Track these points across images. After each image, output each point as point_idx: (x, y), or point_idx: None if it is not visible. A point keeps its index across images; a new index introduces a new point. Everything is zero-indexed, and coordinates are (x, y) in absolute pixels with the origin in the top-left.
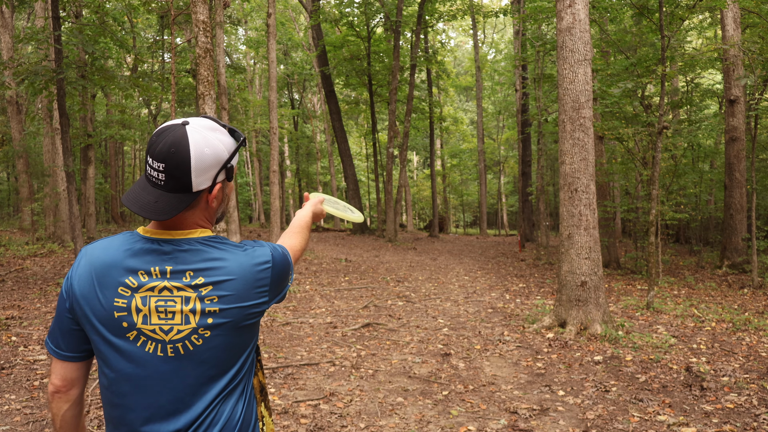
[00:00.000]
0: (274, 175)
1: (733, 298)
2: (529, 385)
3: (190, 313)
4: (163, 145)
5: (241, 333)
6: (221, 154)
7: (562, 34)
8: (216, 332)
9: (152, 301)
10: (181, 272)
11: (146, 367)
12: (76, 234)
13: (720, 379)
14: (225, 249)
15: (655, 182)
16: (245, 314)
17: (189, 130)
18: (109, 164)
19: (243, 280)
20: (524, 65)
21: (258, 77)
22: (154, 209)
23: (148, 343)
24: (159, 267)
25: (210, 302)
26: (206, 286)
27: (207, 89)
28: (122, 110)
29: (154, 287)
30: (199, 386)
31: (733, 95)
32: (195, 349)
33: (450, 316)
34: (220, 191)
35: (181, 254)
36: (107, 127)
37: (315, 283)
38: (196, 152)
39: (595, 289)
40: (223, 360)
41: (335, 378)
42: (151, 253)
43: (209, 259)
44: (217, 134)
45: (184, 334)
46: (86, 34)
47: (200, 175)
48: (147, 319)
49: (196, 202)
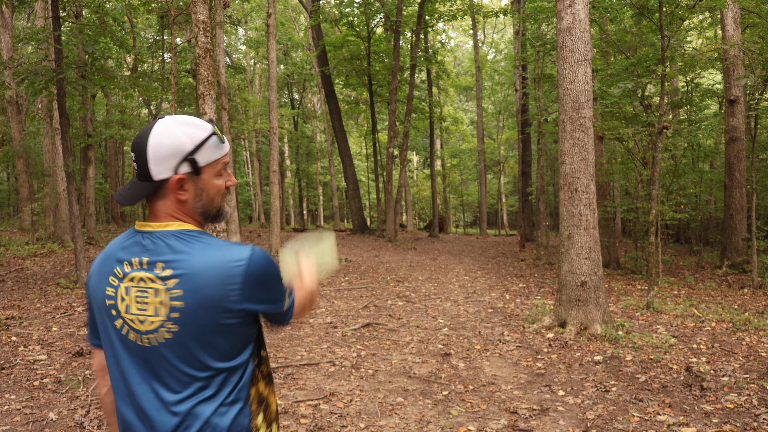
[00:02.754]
0: (274, 175)
1: (733, 298)
2: (529, 385)
3: (159, 305)
4: (136, 137)
5: (215, 333)
6: (183, 146)
7: (562, 34)
8: (183, 328)
9: (133, 291)
10: (154, 263)
11: (128, 356)
12: (76, 234)
13: (720, 379)
14: (195, 243)
15: (655, 182)
16: (213, 312)
17: (158, 122)
18: (109, 164)
19: (208, 275)
20: (524, 65)
21: (258, 77)
22: (123, 194)
23: (131, 332)
24: (139, 258)
25: (175, 296)
26: (172, 279)
27: (207, 89)
28: (122, 110)
29: (134, 277)
30: (174, 382)
31: (733, 95)
32: (167, 343)
33: (450, 316)
34: (189, 184)
35: (156, 246)
36: (107, 127)
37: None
38: (154, 141)
39: (595, 289)
40: (195, 359)
41: (335, 378)
42: (136, 245)
43: (177, 251)
44: (187, 128)
45: (155, 326)
46: (86, 34)
47: (158, 164)
48: (129, 308)
49: (161, 192)
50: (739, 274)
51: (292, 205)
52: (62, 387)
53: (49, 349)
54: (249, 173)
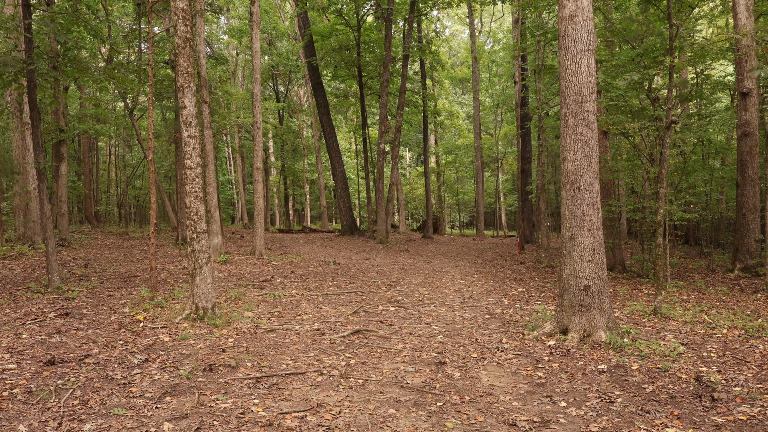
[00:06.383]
0: (258, 172)
1: (745, 303)
2: (528, 396)
3: None
4: None
5: None
6: None
7: (564, 23)
8: None
9: None
10: None
11: None
12: (47, 235)
13: (732, 389)
14: None
15: (662, 180)
16: None
17: None
18: (82, 161)
19: None
20: (524, 56)
21: (241, 69)
22: None
23: None
24: None
25: None
26: None
27: (186, 81)
28: (96, 104)
29: None
30: None
31: (745, 88)
32: None
33: (445, 323)
34: None
35: None
36: (81, 121)
37: (301, 287)
38: None
39: (599, 294)
40: None
41: (323, 388)
42: None
43: None
44: None
45: None
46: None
47: None
48: None
49: None
50: (752, 277)
51: (278, 204)
52: (33, 398)
53: (19, 358)
54: (231, 171)
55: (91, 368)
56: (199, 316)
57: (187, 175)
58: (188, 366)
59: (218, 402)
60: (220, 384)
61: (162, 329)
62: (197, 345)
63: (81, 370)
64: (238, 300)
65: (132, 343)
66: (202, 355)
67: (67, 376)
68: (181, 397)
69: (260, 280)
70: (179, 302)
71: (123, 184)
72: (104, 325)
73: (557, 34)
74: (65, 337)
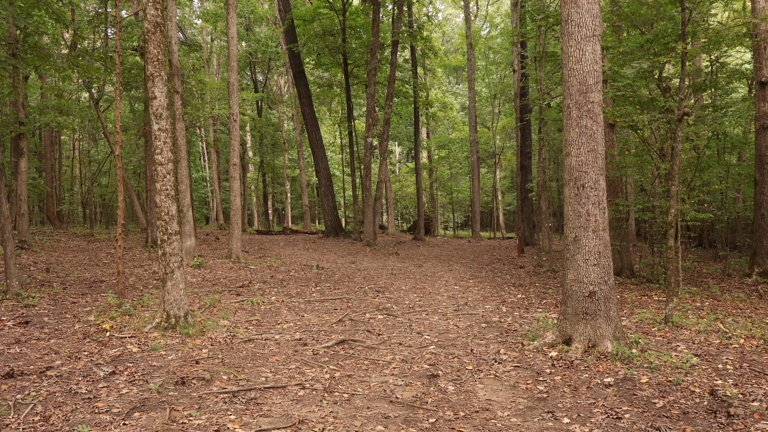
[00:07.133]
0: (234, 168)
1: (764, 310)
2: (528, 412)
3: None
4: None
5: None
6: None
7: (567, 6)
8: None
9: None
10: None
11: None
12: (5, 237)
13: (749, 404)
14: None
15: (674, 177)
16: None
17: None
18: (44, 156)
19: None
20: (523, 42)
21: (216, 56)
22: None
23: None
24: None
25: None
26: None
27: (157, 69)
28: (59, 94)
29: None
30: None
31: (764, 77)
32: None
33: (438, 332)
34: None
35: None
36: (42, 113)
37: (282, 293)
38: None
39: (605, 301)
40: None
41: (305, 403)
42: None
43: None
44: None
45: None
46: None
47: None
48: None
49: None
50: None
51: (256, 203)
52: None
53: None
54: (206, 167)
55: (53, 381)
56: (171, 324)
57: (157, 171)
58: (159, 379)
59: (191, 418)
60: (193, 398)
61: (130, 339)
62: (169, 356)
63: (42, 384)
64: (213, 307)
65: (98, 354)
66: (174, 367)
67: (27, 390)
68: (151, 413)
69: (237, 285)
70: (149, 310)
71: (88, 181)
72: (67, 334)
73: (560, 18)
74: (25, 348)
